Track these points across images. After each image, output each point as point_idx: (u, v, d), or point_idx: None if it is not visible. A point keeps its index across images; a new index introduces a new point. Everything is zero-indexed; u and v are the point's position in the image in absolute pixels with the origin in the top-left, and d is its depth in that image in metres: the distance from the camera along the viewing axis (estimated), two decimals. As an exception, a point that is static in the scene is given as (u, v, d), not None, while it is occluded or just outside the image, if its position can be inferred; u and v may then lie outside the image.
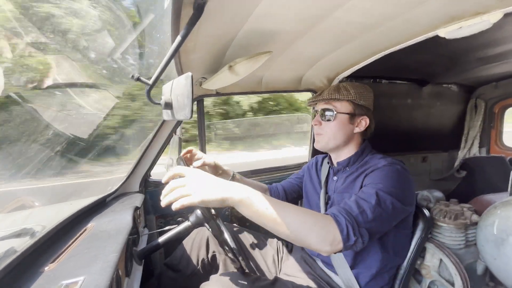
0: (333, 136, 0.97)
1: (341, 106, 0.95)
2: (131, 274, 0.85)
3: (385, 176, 0.82)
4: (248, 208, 0.64)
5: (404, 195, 0.80)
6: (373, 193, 0.76)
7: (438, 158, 2.43)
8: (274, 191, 1.22)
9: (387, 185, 0.79)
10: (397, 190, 0.79)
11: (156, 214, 1.44)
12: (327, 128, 0.97)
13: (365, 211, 0.73)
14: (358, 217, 0.71)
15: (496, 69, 1.80)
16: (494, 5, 0.68)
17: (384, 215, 0.74)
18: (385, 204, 0.75)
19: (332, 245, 0.66)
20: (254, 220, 0.65)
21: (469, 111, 2.35)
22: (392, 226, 0.80)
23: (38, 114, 2.40)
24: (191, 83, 0.60)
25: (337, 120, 0.95)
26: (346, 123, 0.96)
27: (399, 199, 0.77)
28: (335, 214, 0.71)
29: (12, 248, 0.69)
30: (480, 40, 1.22)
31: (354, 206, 0.74)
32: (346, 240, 0.67)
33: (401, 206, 0.78)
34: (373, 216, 0.72)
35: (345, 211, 0.72)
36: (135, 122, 4.44)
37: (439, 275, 1.15)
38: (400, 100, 2.09)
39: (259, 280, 0.91)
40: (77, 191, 3.62)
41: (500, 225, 1.00)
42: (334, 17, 0.77)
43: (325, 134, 0.98)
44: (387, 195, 0.76)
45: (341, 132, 0.96)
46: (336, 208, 0.75)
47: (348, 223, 0.69)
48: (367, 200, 0.75)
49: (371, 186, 0.80)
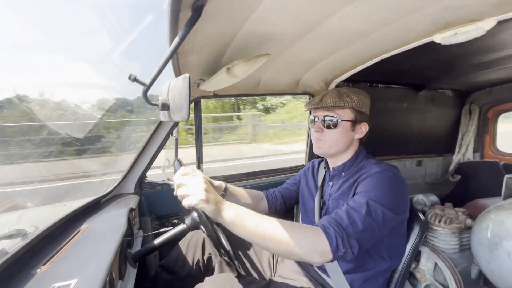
0: (335, 143, 0.96)
1: (344, 113, 0.94)
2: (125, 277, 0.84)
3: (376, 184, 0.82)
4: (238, 228, 0.67)
5: (396, 203, 0.81)
6: (363, 202, 0.77)
7: (433, 162, 2.46)
8: (271, 197, 1.21)
9: (378, 193, 0.79)
10: (388, 198, 0.79)
11: (151, 216, 1.43)
12: (329, 135, 0.96)
13: (355, 221, 0.73)
14: (348, 228, 0.72)
15: (490, 75, 1.83)
16: (488, 12, 0.69)
17: (374, 225, 0.75)
18: (376, 213, 0.76)
19: (322, 256, 0.68)
20: (245, 238, 0.68)
21: (464, 116, 2.38)
22: (383, 234, 0.80)
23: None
24: (188, 84, 0.60)
25: (340, 128, 0.94)
26: (348, 130, 0.95)
27: (390, 208, 0.78)
28: (325, 225, 0.72)
29: (3, 249, 0.67)
30: (475, 46, 1.24)
31: (344, 217, 0.74)
32: (335, 252, 0.69)
33: (392, 215, 0.78)
34: (363, 226, 0.73)
35: (335, 222, 0.73)
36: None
37: (433, 279, 1.15)
38: (396, 105, 2.11)
39: (254, 282, 0.91)
40: (71, 191, 3.59)
41: (494, 229, 1.01)
42: (332, 21, 0.77)
43: (327, 141, 0.97)
44: (377, 204, 0.77)
45: (343, 139, 0.96)
46: (327, 219, 0.76)
47: (338, 234, 0.70)
48: (358, 210, 0.76)
49: (362, 194, 0.81)
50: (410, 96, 2.13)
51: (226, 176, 1.59)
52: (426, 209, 1.30)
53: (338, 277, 0.92)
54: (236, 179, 1.60)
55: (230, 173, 1.62)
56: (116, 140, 4.82)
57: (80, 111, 4.38)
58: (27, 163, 3.62)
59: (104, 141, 4.46)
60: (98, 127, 4.47)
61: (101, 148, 4.31)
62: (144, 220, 1.40)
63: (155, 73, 0.68)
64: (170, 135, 1.34)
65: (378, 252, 0.91)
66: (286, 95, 1.61)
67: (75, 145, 3.72)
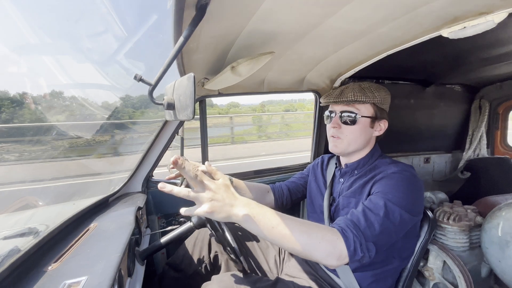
0: (354, 141, 0.92)
1: (365, 109, 0.90)
2: (133, 274, 0.86)
3: (394, 185, 0.79)
4: (253, 225, 0.63)
5: (413, 205, 0.78)
6: (382, 204, 0.74)
7: (442, 159, 2.41)
8: (278, 191, 1.19)
9: (396, 195, 0.76)
10: (407, 200, 0.76)
11: (158, 214, 1.45)
12: (347, 131, 0.92)
13: (373, 224, 0.71)
14: (365, 231, 0.70)
15: (500, 69, 1.78)
16: (499, 4, 0.67)
17: (392, 227, 0.73)
18: (393, 216, 0.73)
19: (339, 260, 0.66)
20: (260, 236, 0.65)
21: (473, 112, 2.33)
22: (399, 237, 0.78)
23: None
24: (193, 83, 0.60)
25: (360, 124, 0.90)
26: (367, 126, 0.91)
27: (407, 210, 0.75)
28: (342, 228, 0.70)
29: (15, 247, 0.69)
30: (484, 40, 1.21)
31: (362, 219, 0.72)
32: (352, 256, 0.66)
33: (409, 217, 0.75)
34: (381, 229, 0.71)
35: (352, 225, 0.71)
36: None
37: (442, 277, 1.14)
38: (403, 101, 2.08)
39: (261, 280, 0.91)
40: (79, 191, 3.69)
41: (505, 227, 0.99)
42: (336, 18, 0.76)
43: (345, 138, 0.92)
44: (395, 206, 0.74)
45: (362, 136, 0.92)
46: (344, 220, 0.73)
47: (356, 238, 0.67)
48: (375, 212, 0.73)
49: (379, 195, 0.78)
50: (417, 92, 2.09)
51: (232, 174, 1.60)
52: (434, 207, 1.28)
53: (347, 276, 0.91)
54: (242, 176, 1.60)
55: (237, 172, 1.62)
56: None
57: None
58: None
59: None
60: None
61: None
62: (151, 219, 1.42)
63: (160, 73, 0.68)
64: (176, 134, 1.35)
65: (389, 251, 0.89)
66: (291, 93, 1.60)
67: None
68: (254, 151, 8.16)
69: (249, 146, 9.04)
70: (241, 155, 7.63)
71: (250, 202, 0.65)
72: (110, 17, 3.06)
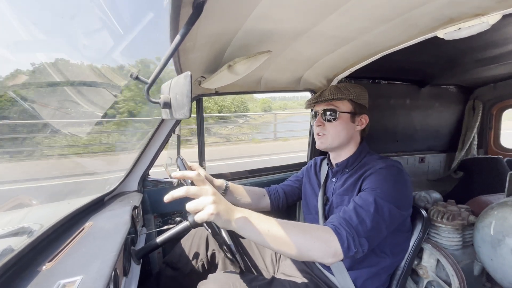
0: (337, 135, 0.98)
1: (343, 105, 0.97)
2: (129, 274, 0.85)
3: (382, 180, 0.83)
4: (249, 232, 0.65)
5: (401, 200, 0.82)
6: (371, 200, 0.78)
7: (436, 159, 2.44)
8: (274, 194, 1.21)
9: (384, 190, 0.80)
10: (394, 195, 0.80)
11: (155, 213, 1.44)
12: (330, 127, 0.98)
13: (364, 220, 0.75)
14: (358, 227, 0.73)
15: (494, 70, 1.81)
16: (493, 6, 0.68)
17: (382, 222, 0.77)
18: (383, 211, 0.77)
19: (334, 257, 0.69)
20: (257, 242, 0.67)
21: (467, 112, 2.36)
22: (389, 231, 0.81)
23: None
24: (190, 82, 0.60)
25: (340, 120, 0.97)
26: (348, 121, 0.97)
27: (396, 205, 0.79)
28: (336, 226, 0.73)
29: (9, 246, 0.68)
30: (479, 41, 1.23)
31: (353, 215, 0.75)
32: (346, 252, 0.70)
33: (398, 212, 0.79)
34: (372, 224, 0.74)
35: (345, 222, 0.74)
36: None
37: (436, 275, 1.15)
38: (399, 101, 2.10)
39: (257, 279, 0.91)
40: (75, 190, 3.67)
41: (497, 226, 1.00)
42: (333, 18, 0.77)
43: (329, 134, 0.99)
44: (384, 201, 0.78)
45: (344, 131, 0.97)
46: (337, 218, 0.76)
47: (349, 235, 0.71)
48: (366, 208, 0.77)
49: (368, 191, 0.81)
50: (412, 92, 2.11)
51: (227, 174, 1.60)
52: (428, 206, 1.30)
53: (342, 274, 0.92)
54: (237, 176, 1.61)
55: (231, 171, 1.62)
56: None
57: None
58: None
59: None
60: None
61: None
62: (147, 218, 1.41)
63: (156, 71, 0.68)
64: (172, 133, 1.35)
65: (381, 248, 0.91)
66: (287, 92, 1.60)
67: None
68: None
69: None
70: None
71: (244, 209, 0.68)
72: (105, 15, 3.01)
